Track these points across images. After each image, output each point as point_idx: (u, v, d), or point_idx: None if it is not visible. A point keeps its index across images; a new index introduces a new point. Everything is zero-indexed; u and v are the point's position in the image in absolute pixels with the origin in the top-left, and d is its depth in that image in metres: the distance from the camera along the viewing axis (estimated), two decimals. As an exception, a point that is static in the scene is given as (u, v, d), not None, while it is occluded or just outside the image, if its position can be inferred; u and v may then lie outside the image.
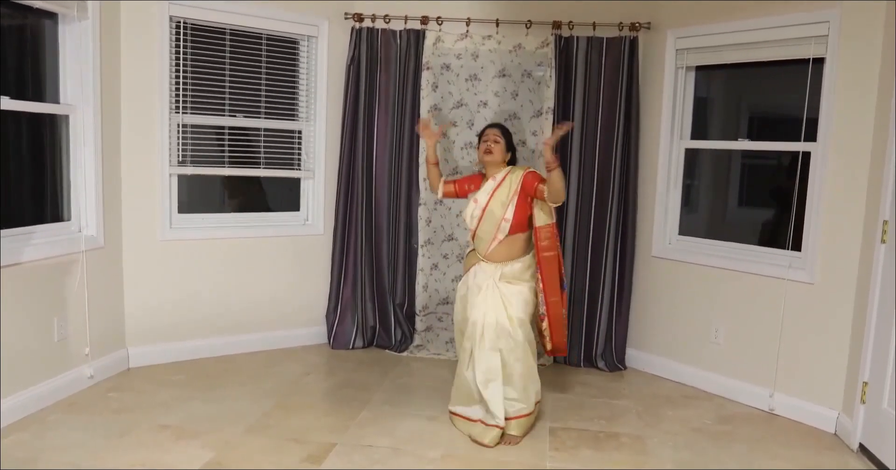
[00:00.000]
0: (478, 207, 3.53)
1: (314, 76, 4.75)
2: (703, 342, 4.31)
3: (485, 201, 3.51)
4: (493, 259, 3.51)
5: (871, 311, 3.40)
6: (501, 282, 3.46)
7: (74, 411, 3.57)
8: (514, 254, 3.51)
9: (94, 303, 3.93)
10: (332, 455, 3.19)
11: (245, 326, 4.68)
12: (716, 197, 4.87)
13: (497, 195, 3.49)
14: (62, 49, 3.76)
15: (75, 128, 3.82)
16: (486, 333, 3.37)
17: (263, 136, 4.68)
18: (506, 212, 3.45)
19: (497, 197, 3.48)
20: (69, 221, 3.86)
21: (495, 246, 3.49)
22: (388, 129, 4.74)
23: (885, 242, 3.32)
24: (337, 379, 4.27)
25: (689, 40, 4.32)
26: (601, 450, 3.38)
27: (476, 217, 3.53)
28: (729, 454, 3.40)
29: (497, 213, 3.46)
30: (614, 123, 4.49)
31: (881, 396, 3.29)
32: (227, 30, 4.42)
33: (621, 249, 4.58)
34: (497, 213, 3.47)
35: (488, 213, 3.49)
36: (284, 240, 4.77)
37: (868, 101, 3.55)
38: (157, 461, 3.05)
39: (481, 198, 3.53)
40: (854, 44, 3.59)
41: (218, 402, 3.78)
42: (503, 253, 3.50)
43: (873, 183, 3.49)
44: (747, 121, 4.71)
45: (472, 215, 3.56)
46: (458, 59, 4.67)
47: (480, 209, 3.51)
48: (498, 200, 3.48)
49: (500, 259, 3.50)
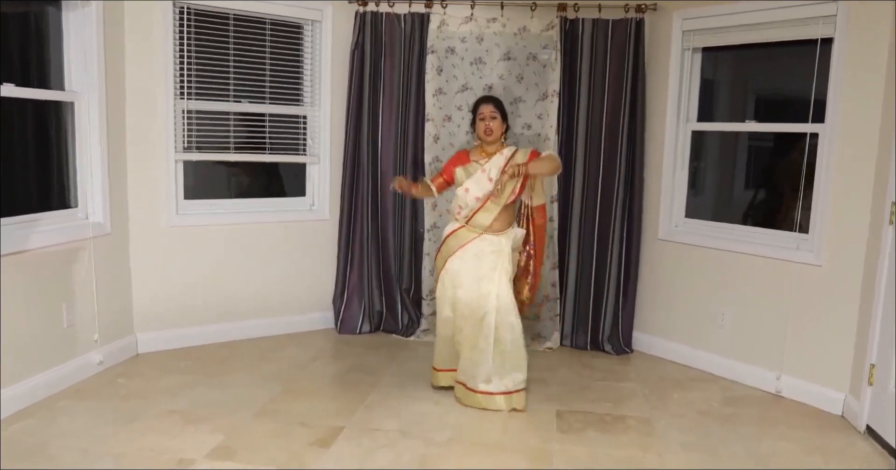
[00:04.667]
0: (491, 181, 3.59)
1: (318, 61, 4.73)
2: (709, 325, 4.31)
3: (497, 176, 3.58)
4: (497, 228, 3.63)
5: (879, 292, 3.38)
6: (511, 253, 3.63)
7: (83, 397, 3.59)
8: (509, 221, 3.68)
9: (102, 289, 3.95)
10: (340, 439, 3.21)
11: (252, 312, 4.70)
12: (722, 179, 4.85)
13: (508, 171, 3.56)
14: (66, 36, 3.75)
15: (80, 115, 3.82)
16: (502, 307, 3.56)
17: (268, 121, 4.67)
18: (515, 185, 3.60)
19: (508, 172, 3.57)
20: (76, 208, 3.87)
21: (496, 216, 3.61)
22: (392, 113, 4.72)
23: (892, 223, 3.30)
24: (344, 363, 4.29)
25: (695, 22, 4.28)
26: (608, 432, 3.39)
27: (488, 190, 3.59)
28: (736, 436, 3.41)
29: (507, 188, 3.57)
30: (620, 106, 4.46)
31: (888, 378, 3.28)
32: (231, 15, 4.40)
33: (628, 232, 4.56)
34: (507, 187, 3.56)
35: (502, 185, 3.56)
36: (290, 225, 4.78)
37: (876, 82, 3.51)
38: (166, 446, 3.08)
39: (493, 172, 3.60)
40: (863, 24, 3.54)
41: (226, 387, 3.81)
42: (503, 221, 3.64)
43: (881, 164, 3.47)
44: (754, 103, 4.67)
45: (479, 184, 3.62)
46: (462, 42, 4.64)
47: (495, 183, 3.58)
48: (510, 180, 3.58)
49: (502, 228, 3.64)
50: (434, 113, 4.65)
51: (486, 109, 3.67)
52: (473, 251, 3.61)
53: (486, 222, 3.62)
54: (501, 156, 3.64)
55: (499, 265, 3.58)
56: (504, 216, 3.65)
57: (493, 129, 3.65)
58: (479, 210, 3.62)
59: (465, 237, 3.65)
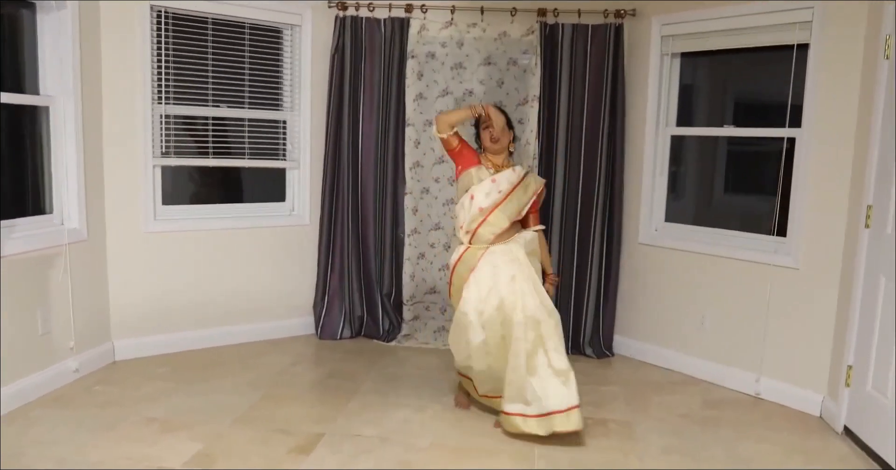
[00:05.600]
0: (500, 193, 3.41)
1: (298, 65, 4.71)
2: (689, 328, 4.33)
3: (507, 190, 3.42)
4: (503, 239, 3.45)
5: (856, 295, 3.42)
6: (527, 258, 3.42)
7: (60, 405, 3.54)
8: (514, 231, 3.51)
9: (78, 296, 3.89)
10: (321, 445, 3.19)
11: (232, 318, 4.66)
12: (702, 184, 4.88)
13: (517, 194, 3.45)
14: (41, 39, 3.71)
15: (56, 119, 3.77)
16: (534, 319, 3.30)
17: (248, 126, 4.64)
18: (522, 209, 3.48)
19: (517, 196, 3.44)
20: (51, 214, 3.82)
21: (501, 232, 3.43)
22: (373, 118, 4.71)
23: (869, 226, 3.34)
24: (325, 369, 4.26)
25: (674, 27, 4.32)
26: (589, 436, 3.38)
27: (496, 201, 3.40)
28: (716, 439, 3.42)
29: (514, 208, 3.44)
30: (600, 111, 4.48)
31: (865, 379, 3.32)
32: (210, 19, 4.37)
33: (608, 237, 4.58)
34: (515, 207, 3.44)
35: (508, 203, 3.42)
36: (270, 230, 4.74)
37: (852, 87, 3.56)
38: (145, 454, 3.04)
39: (504, 185, 3.42)
40: (838, 30, 3.59)
41: (205, 394, 3.77)
42: (507, 233, 3.46)
43: (857, 168, 3.51)
44: (732, 107, 4.71)
45: (487, 195, 3.41)
46: (443, 47, 4.65)
47: (504, 195, 3.41)
48: (518, 200, 3.45)
49: (507, 238, 3.45)
50: (414, 118, 4.64)
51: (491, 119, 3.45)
52: (488, 267, 3.39)
53: (490, 236, 3.42)
54: (514, 172, 3.46)
55: (517, 273, 3.35)
56: (509, 229, 3.47)
57: (501, 138, 3.44)
58: (483, 223, 3.41)
59: (473, 257, 3.42)
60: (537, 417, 3.22)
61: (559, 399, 3.21)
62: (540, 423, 3.22)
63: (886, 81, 3.24)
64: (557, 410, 3.20)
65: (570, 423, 3.19)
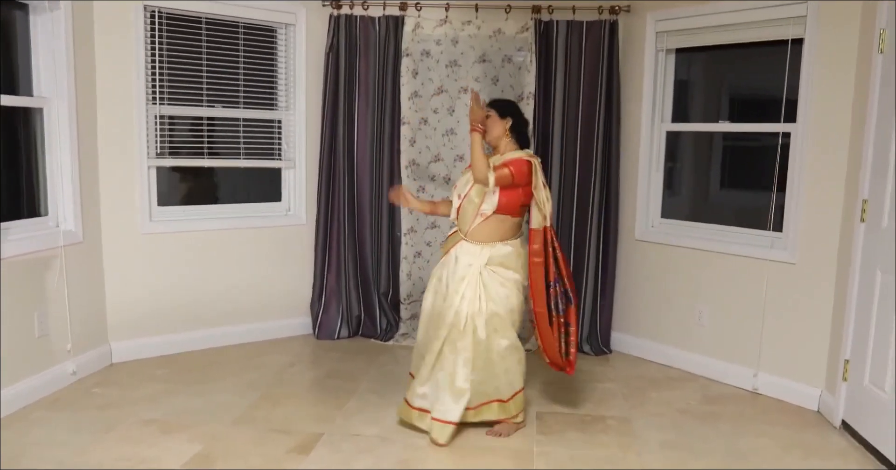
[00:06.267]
0: (468, 184, 3.30)
1: (293, 65, 4.70)
2: (687, 324, 4.34)
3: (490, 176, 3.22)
4: (476, 238, 3.26)
5: (852, 289, 3.43)
6: (488, 269, 3.22)
7: (58, 408, 3.53)
8: (502, 235, 3.27)
9: (75, 298, 3.88)
10: (320, 445, 3.19)
11: (229, 318, 4.65)
12: (698, 179, 4.89)
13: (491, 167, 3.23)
14: (34, 40, 3.69)
15: (50, 121, 3.76)
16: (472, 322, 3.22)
17: (243, 126, 4.63)
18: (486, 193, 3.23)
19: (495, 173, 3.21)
20: (46, 216, 3.80)
21: (479, 223, 3.25)
22: (368, 117, 4.70)
23: (864, 221, 3.35)
24: (323, 369, 4.26)
25: (668, 23, 4.32)
26: (587, 432, 3.40)
27: (462, 193, 3.31)
28: (714, 434, 3.43)
29: (479, 193, 3.24)
30: (595, 107, 4.48)
31: (862, 373, 3.33)
32: (203, 19, 4.36)
33: (604, 233, 4.58)
34: (480, 192, 3.24)
35: (475, 191, 3.26)
36: (267, 230, 4.74)
37: (847, 81, 3.56)
38: (144, 456, 3.03)
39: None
40: (832, 24, 3.60)
41: (203, 395, 3.76)
42: (487, 232, 3.25)
43: (853, 162, 3.52)
44: (728, 103, 4.72)
45: (466, 181, 3.33)
46: (437, 45, 4.64)
47: (471, 185, 3.28)
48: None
49: (485, 239, 3.25)
50: (410, 116, 4.64)
51: None
52: (452, 255, 3.33)
53: (464, 227, 3.30)
54: (501, 156, 3.31)
55: (468, 276, 3.22)
56: (490, 226, 3.25)
57: (488, 129, 3.29)
58: (460, 210, 3.32)
59: (451, 242, 3.37)
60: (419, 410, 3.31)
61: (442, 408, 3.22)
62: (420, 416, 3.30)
63: (881, 75, 3.24)
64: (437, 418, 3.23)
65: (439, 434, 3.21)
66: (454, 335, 3.22)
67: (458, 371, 3.21)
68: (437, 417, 3.22)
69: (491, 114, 3.34)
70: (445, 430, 3.20)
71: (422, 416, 3.30)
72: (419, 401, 3.31)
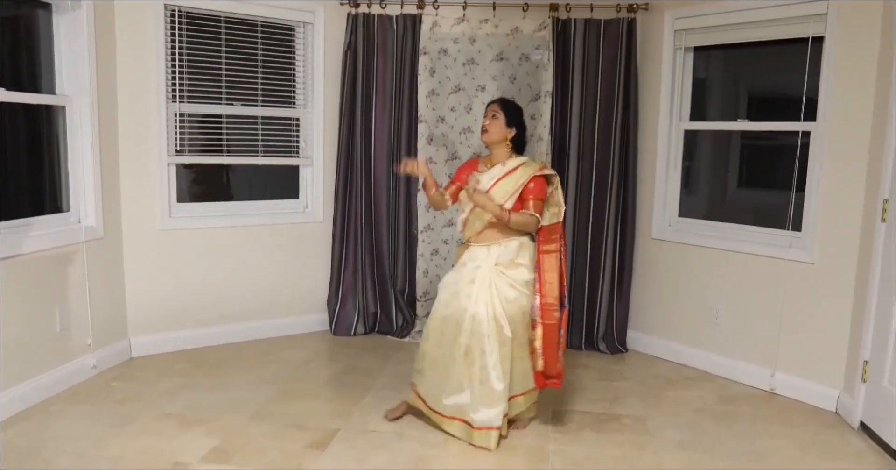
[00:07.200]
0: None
1: (311, 63, 4.72)
2: (703, 323, 4.32)
3: (487, 185, 3.24)
4: (483, 241, 3.27)
5: (872, 289, 3.40)
6: (497, 270, 3.20)
7: (78, 401, 3.58)
8: (507, 233, 3.25)
9: (96, 293, 3.93)
10: (336, 441, 3.21)
11: (246, 314, 4.69)
12: (715, 178, 4.86)
13: (503, 183, 3.23)
14: (57, 39, 3.74)
15: (72, 118, 3.81)
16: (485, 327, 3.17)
17: (261, 123, 4.66)
18: (506, 202, 3.20)
19: (502, 185, 3.23)
20: (68, 212, 3.85)
21: (487, 229, 3.27)
22: (385, 115, 4.72)
23: (885, 221, 3.32)
24: (339, 365, 4.28)
25: (687, 21, 4.30)
26: (603, 431, 3.39)
27: None
28: (730, 434, 3.42)
29: (496, 200, 3.20)
30: (613, 106, 4.47)
31: (882, 374, 3.30)
32: (223, 17, 4.39)
33: (621, 232, 4.57)
34: (496, 199, 3.20)
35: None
36: (284, 227, 4.77)
37: (868, 80, 3.53)
38: (162, 449, 3.07)
39: (485, 181, 3.26)
40: (854, 22, 3.56)
41: (221, 390, 3.80)
42: (494, 233, 3.26)
43: (873, 162, 3.48)
44: (746, 101, 4.68)
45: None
46: (455, 43, 4.65)
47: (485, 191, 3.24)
48: (503, 188, 3.22)
49: (491, 239, 3.25)
50: (427, 114, 4.65)
51: (490, 107, 3.33)
52: (461, 262, 3.32)
53: (471, 233, 3.31)
54: (502, 166, 3.27)
55: (477, 279, 3.21)
56: (497, 228, 3.25)
57: (488, 128, 3.27)
58: (466, 222, 3.34)
59: (459, 253, 3.40)
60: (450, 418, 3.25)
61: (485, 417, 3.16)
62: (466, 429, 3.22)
63: (902, 74, 3.21)
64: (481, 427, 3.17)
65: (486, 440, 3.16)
66: (478, 341, 3.16)
67: (491, 374, 3.14)
68: (481, 427, 3.16)
69: (498, 116, 3.29)
70: (491, 435, 3.16)
71: (449, 422, 3.25)
72: (450, 410, 3.24)
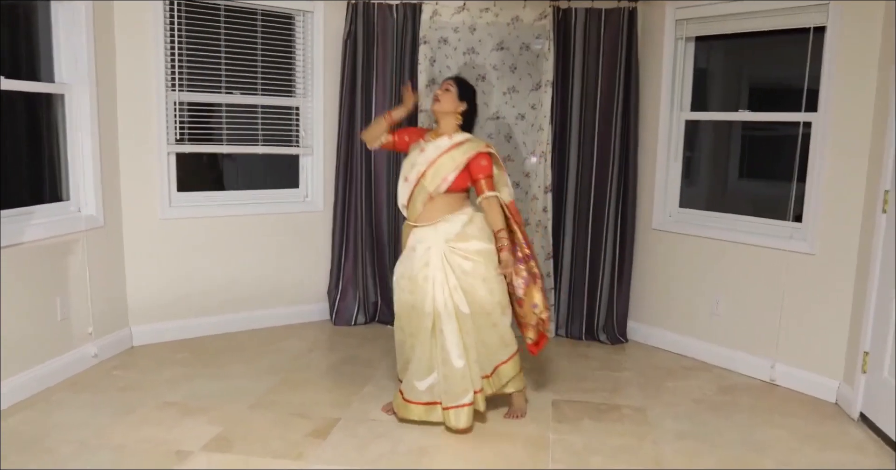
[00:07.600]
0: (424, 159, 3.24)
1: (310, 52, 4.70)
2: (704, 314, 4.33)
3: (433, 155, 3.22)
4: (427, 219, 3.23)
5: (872, 281, 3.40)
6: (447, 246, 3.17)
7: (79, 390, 3.59)
8: (451, 208, 3.23)
9: (96, 282, 3.93)
10: (336, 429, 3.22)
11: (247, 304, 4.69)
12: (716, 169, 4.86)
13: (450, 155, 3.20)
14: (55, 28, 3.72)
15: (71, 107, 3.79)
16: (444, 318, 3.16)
17: (261, 112, 4.65)
18: (449, 174, 3.18)
19: (449, 157, 3.20)
20: (68, 201, 3.85)
21: (428, 205, 3.22)
22: (385, 104, 4.70)
23: (885, 211, 3.32)
24: (340, 355, 4.29)
25: (688, 10, 4.28)
26: (603, 421, 3.41)
27: (419, 171, 3.23)
28: (730, 424, 3.43)
29: (441, 172, 3.19)
30: (614, 96, 4.45)
31: (882, 365, 3.31)
32: (222, 6, 4.37)
33: (622, 222, 4.57)
34: (441, 171, 3.19)
35: (436, 169, 3.20)
36: (284, 217, 4.77)
37: (869, 70, 3.52)
38: (164, 438, 3.08)
39: (430, 150, 3.24)
40: (856, 12, 3.55)
41: (222, 379, 3.80)
42: (436, 210, 3.22)
43: (874, 153, 3.48)
44: (748, 92, 4.68)
45: (413, 164, 3.27)
46: (455, 32, 4.63)
47: (427, 162, 3.22)
48: (450, 160, 3.19)
49: (437, 216, 3.21)
50: (427, 103, 4.64)
51: (444, 82, 3.32)
52: (409, 246, 3.30)
53: (413, 215, 3.27)
54: (450, 139, 3.24)
55: (431, 261, 3.18)
56: (438, 205, 3.22)
57: (440, 98, 3.25)
58: (411, 197, 3.28)
59: (406, 233, 3.36)
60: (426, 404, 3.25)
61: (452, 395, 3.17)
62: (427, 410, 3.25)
63: (905, 64, 3.20)
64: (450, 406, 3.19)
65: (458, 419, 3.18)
66: (439, 322, 3.16)
67: (451, 353, 3.15)
68: (450, 405, 3.18)
69: (451, 90, 3.29)
70: (461, 414, 3.17)
71: (429, 409, 3.25)
72: (425, 396, 3.23)
